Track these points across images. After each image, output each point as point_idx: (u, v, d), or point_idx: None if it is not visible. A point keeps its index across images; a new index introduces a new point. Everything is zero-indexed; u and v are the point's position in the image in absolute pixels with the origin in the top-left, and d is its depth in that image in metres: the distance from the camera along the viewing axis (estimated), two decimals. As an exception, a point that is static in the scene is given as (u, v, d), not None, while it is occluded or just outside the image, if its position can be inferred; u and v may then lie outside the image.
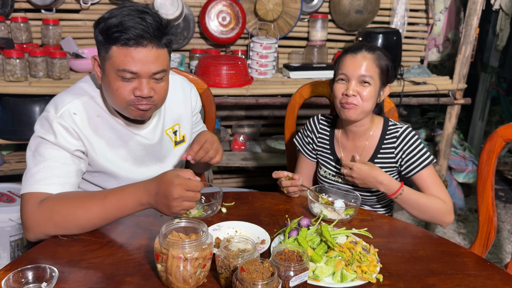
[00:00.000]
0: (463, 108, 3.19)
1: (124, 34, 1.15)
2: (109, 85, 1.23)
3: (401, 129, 1.55)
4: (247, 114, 3.13)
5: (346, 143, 1.61)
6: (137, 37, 1.16)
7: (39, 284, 0.97)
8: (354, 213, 1.34)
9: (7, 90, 2.31)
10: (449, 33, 3.08)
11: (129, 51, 1.17)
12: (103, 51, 1.21)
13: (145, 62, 1.19)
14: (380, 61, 1.49)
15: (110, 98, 1.26)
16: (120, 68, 1.19)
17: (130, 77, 1.20)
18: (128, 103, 1.24)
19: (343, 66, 1.50)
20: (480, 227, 1.50)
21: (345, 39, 3.07)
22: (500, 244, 2.87)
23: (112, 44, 1.18)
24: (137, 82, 1.21)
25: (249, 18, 2.84)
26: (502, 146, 1.45)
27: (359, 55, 1.48)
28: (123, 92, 1.21)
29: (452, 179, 3.21)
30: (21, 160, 2.68)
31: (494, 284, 1.07)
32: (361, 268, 1.06)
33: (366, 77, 1.46)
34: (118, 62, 1.18)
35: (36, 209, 1.16)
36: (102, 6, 2.69)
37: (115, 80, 1.21)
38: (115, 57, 1.18)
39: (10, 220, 2.22)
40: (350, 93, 1.45)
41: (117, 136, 1.35)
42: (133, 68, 1.18)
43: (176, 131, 1.50)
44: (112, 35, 1.17)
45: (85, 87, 1.33)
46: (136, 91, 1.21)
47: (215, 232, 1.22)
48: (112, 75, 1.21)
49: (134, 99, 1.23)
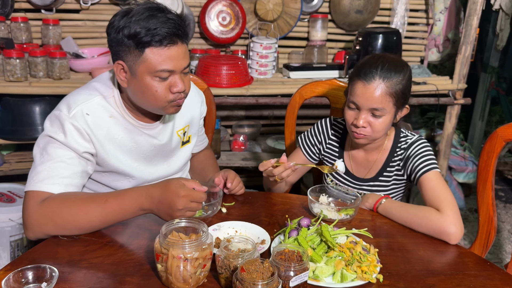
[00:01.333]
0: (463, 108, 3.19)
1: (157, 36, 1.18)
2: (146, 87, 1.24)
3: (410, 140, 1.47)
4: (247, 114, 3.13)
5: (357, 155, 1.55)
6: (169, 36, 1.20)
7: (39, 284, 0.97)
8: (354, 213, 1.34)
9: (7, 90, 2.31)
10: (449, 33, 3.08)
11: (163, 51, 1.20)
12: (133, 56, 1.21)
13: (178, 59, 1.23)
14: (396, 87, 1.34)
15: (148, 100, 1.27)
16: (158, 69, 1.21)
17: (167, 76, 1.24)
18: (169, 101, 1.27)
19: (354, 94, 1.37)
20: (480, 227, 1.50)
21: (345, 39, 3.07)
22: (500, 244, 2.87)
23: (145, 47, 1.19)
24: (171, 79, 1.25)
25: (249, 18, 2.84)
26: (502, 146, 1.45)
27: (372, 84, 1.33)
28: (163, 92, 1.24)
29: (452, 179, 3.21)
30: (21, 160, 2.68)
31: (494, 284, 1.07)
32: (361, 268, 1.06)
33: (378, 110, 1.35)
34: (154, 63, 1.21)
35: (37, 209, 1.16)
36: (102, 6, 2.69)
37: (152, 81, 1.23)
38: (150, 59, 1.20)
39: (10, 220, 2.22)
40: (360, 123, 1.36)
41: (129, 137, 1.36)
42: (170, 67, 1.22)
43: (185, 132, 1.53)
44: (143, 39, 1.18)
45: (98, 87, 1.34)
46: (172, 88, 1.25)
47: (215, 232, 1.22)
48: (148, 77, 1.23)
49: (174, 96, 1.26)
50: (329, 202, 1.41)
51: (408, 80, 1.39)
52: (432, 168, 1.39)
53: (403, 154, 1.48)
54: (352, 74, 1.42)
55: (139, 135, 1.37)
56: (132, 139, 1.36)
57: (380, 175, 1.52)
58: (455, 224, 1.25)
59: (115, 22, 1.21)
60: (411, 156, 1.45)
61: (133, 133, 1.36)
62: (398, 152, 1.49)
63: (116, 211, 1.16)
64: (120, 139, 1.34)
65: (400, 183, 1.53)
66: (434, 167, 1.40)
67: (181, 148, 1.52)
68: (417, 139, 1.47)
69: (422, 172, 1.40)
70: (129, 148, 1.36)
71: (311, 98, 1.88)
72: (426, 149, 1.44)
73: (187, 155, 1.55)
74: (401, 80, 1.36)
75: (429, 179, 1.38)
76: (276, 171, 1.36)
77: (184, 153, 1.53)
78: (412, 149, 1.45)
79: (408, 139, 1.49)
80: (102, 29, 2.74)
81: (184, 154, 1.54)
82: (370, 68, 1.35)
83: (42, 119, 2.40)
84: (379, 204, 1.40)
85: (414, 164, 1.43)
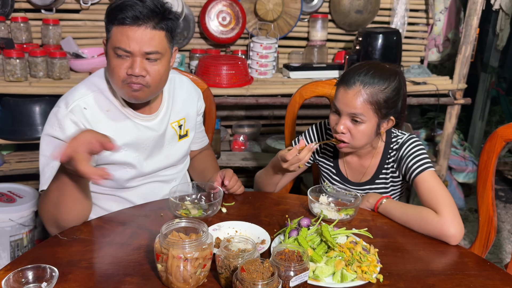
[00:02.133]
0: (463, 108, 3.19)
1: (121, 14, 1.22)
2: (109, 64, 1.29)
3: (401, 140, 1.46)
4: (247, 114, 3.13)
5: (351, 160, 1.55)
6: (133, 16, 1.22)
7: (39, 284, 0.97)
8: (354, 213, 1.34)
9: (7, 90, 2.31)
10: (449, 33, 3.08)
11: (124, 29, 1.23)
12: (107, 33, 1.29)
13: (139, 42, 1.24)
14: (378, 96, 1.33)
15: (110, 78, 1.32)
16: (116, 46, 1.25)
17: (125, 55, 1.25)
18: (123, 81, 1.28)
19: (335, 98, 1.39)
20: (480, 227, 1.50)
21: (345, 39, 3.07)
22: (500, 244, 2.87)
23: (112, 24, 1.25)
24: (131, 60, 1.26)
25: (249, 18, 2.84)
26: (502, 146, 1.45)
27: (352, 90, 1.33)
28: (118, 70, 1.27)
29: (452, 179, 3.21)
30: (21, 160, 2.68)
31: (494, 284, 1.07)
32: (361, 268, 1.06)
33: (357, 116, 1.34)
34: (115, 40, 1.25)
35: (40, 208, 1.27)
36: (102, 6, 2.69)
37: (112, 58, 1.27)
38: (113, 36, 1.25)
39: (10, 220, 2.22)
40: (341, 128, 1.37)
41: (127, 128, 1.38)
42: (127, 47, 1.24)
43: (181, 125, 1.54)
44: (112, 15, 1.25)
45: (96, 81, 1.39)
46: (128, 69, 1.26)
47: (215, 232, 1.22)
48: (111, 53, 1.27)
49: (127, 77, 1.27)
50: (329, 202, 1.41)
51: (394, 90, 1.36)
52: (426, 168, 1.38)
53: (396, 155, 1.47)
54: (338, 79, 1.43)
55: (136, 126, 1.40)
56: (130, 131, 1.39)
57: (376, 178, 1.51)
58: (454, 226, 1.24)
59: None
60: (404, 157, 1.44)
61: (130, 125, 1.39)
62: (391, 153, 1.49)
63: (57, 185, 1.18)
64: (118, 131, 1.36)
65: (397, 183, 1.53)
66: (429, 167, 1.38)
67: (178, 142, 1.54)
68: (408, 139, 1.46)
69: (416, 172, 1.39)
70: (127, 140, 1.38)
71: (311, 98, 1.88)
72: (419, 148, 1.42)
73: (185, 148, 1.57)
74: (384, 89, 1.34)
75: (424, 180, 1.36)
76: (302, 156, 1.37)
77: (181, 146, 1.56)
78: (404, 149, 1.44)
79: (399, 139, 1.47)
80: (102, 29, 2.74)
81: (182, 147, 1.56)
82: (353, 74, 1.36)
83: (42, 119, 2.40)
84: (379, 204, 1.40)
85: (408, 164, 1.42)
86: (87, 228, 1.23)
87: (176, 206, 1.31)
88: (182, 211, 1.31)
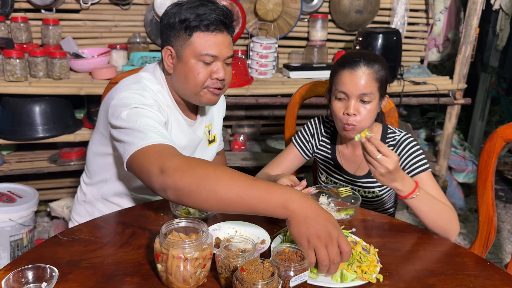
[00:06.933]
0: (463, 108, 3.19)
1: (205, 21, 1.26)
2: (190, 70, 1.31)
3: (398, 137, 1.50)
4: (247, 114, 3.13)
5: (346, 151, 1.58)
6: (216, 22, 1.27)
7: (39, 284, 0.97)
8: (354, 213, 1.34)
9: (7, 90, 2.31)
10: (449, 33, 3.08)
11: (210, 36, 1.29)
12: (181, 40, 1.30)
13: (223, 47, 1.31)
14: (380, 73, 1.40)
15: (188, 85, 1.33)
16: (202, 53, 1.29)
17: (211, 61, 1.30)
18: (205, 86, 1.32)
19: (341, 83, 1.40)
20: (480, 227, 1.50)
21: (345, 39, 3.08)
22: (500, 244, 2.87)
23: (193, 32, 1.28)
24: (214, 65, 1.32)
25: (249, 18, 2.84)
26: (502, 146, 1.45)
27: (358, 71, 1.38)
28: (204, 76, 1.31)
29: (452, 179, 3.21)
30: (21, 160, 2.68)
31: (494, 284, 1.07)
32: (361, 268, 1.06)
33: (367, 95, 1.38)
34: (200, 47, 1.29)
35: (179, 156, 1.08)
36: (102, 6, 2.69)
37: (196, 65, 1.30)
38: (196, 43, 1.28)
39: (10, 220, 2.22)
40: (351, 111, 1.38)
41: (179, 128, 1.41)
42: (214, 52, 1.29)
43: (210, 130, 1.57)
44: (191, 23, 1.27)
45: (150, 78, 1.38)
46: (213, 74, 1.32)
47: (215, 232, 1.22)
48: (193, 60, 1.30)
49: (211, 82, 1.32)
50: (329, 202, 1.41)
51: (386, 69, 1.43)
52: (424, 169, 1.41)
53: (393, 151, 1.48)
54: (335, 68, 1.45)
55: (186, 128, 1.43)
56: (181, 131, 1.42)
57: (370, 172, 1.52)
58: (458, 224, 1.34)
59: (168, 10, 1.31)
60: (401, 156, 1.46)
61: (182, 126, 1.42)
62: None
63: (260, 191, 1.01)
64: (180, 130, 1.40)
65: None
66: (426, 168, 1.42)
67: (208, 147, 1.57)
68: (405, 138, 1.48)
69: (414, 173, 1.41)
70: (184, 142, 1.42)
71: (311, 98, 1.88)
72: (416, 149, 1.45)
73: (213, 153, 1.60)
74: (381, 68, 1.41)
75: (424, 181, 1.39)
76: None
77: (210, 151, 1.59)
78: (402, 148, 1.47)
79: (396, 136, 1.51)
80: (102, 29, 2.74)
81: (211, 152, 1.59)
82: (354, 58, 1.40)
83: (42, 119, 2.40)
84: (414, 195, 1.26)
85: (406, 164, 1.44)
86: (87, 228, 1.23)
87: (176, 206, 1.31)
88: (182, 211, 1.31)
